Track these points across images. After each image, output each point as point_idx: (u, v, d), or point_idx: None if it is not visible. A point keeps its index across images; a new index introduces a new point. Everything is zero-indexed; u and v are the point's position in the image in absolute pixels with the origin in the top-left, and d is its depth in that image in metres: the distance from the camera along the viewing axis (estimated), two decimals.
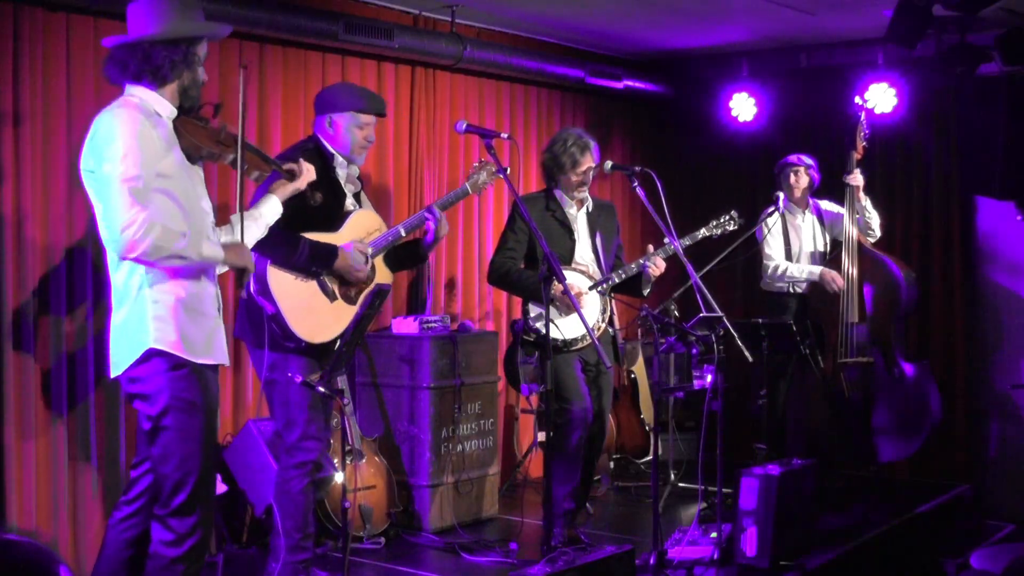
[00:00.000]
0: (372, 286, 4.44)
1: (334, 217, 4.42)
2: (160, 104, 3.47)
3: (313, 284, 4.35)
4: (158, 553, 3.44)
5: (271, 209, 3.85)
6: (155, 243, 3.29)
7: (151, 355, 3.39)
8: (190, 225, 3.44)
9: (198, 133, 3.55)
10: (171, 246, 3.33)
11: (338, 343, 4.31)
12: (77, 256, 4.79)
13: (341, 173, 4.51)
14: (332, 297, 4.39)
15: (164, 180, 3.39)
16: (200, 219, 3.53)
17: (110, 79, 3.53)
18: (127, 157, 3.30)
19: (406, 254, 4.75)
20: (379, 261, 4.55)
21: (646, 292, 5.25)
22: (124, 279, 3.43)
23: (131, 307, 3.41)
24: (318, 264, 4.30)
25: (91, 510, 4.82)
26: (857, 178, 6.19)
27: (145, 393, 3.43)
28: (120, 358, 3.46)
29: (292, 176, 3.91)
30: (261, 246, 3.97)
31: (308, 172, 3.96)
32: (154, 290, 3.40)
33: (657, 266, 5.12)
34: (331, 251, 4.34)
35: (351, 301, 4.44)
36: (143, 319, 3.39)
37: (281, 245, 4.17)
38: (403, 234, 4.58)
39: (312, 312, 4.32)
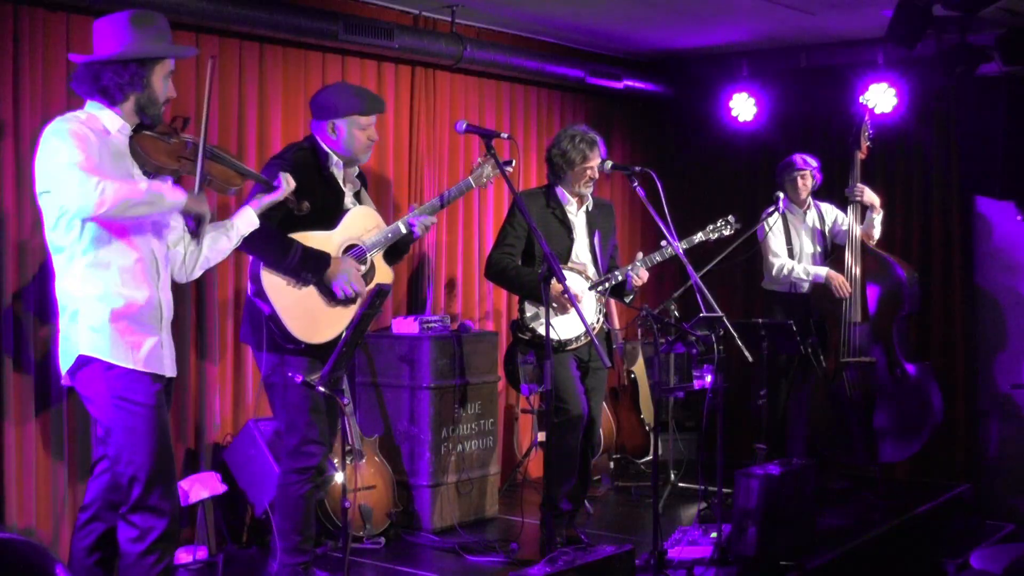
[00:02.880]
0: (372, 285, 4.35)
1: (332, 215, 4.36)
2: (112, 121, 3.54)
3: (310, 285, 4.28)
4: (126, 551, 3.53)
5: (244, 221, 3.88)
6: (116, 194, 3.32)
7: (85, 362, 3.49)
8: None
9: (155, 149, 3.56)
10: (135, 195, 3.36)
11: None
12: None
13: (337, 172, 4.42)
14: (330, 298, 4.31)
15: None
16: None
17: (76, 93, 3.62)
18: (71, 148, 3.36)
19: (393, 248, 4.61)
20: (379, 260, 4.48)
21: (628, 300, 5.26)
22: (64, 290, 3.53)
23: (69, 317, 3.52)
24: (309, 269, 4.22)
25: None
26: (867, 194, 6.19)
27: (89, 397, 3.55)
28: (63, 364, 3.57)
29: (270, 187, 3.92)
30: (253, 245, 3.99)
31: (288, 185, 3.93)
32: (90, 302, 3.48)
33: (640, 276, 5.12)
34: (323, 258, 4.26)
35: (350, 302, 4.34)
36: (78, 328, 3.50)
37: (274, 246, 4.13)
38: (403, 231, 4.48)
39: (309, 312, 4.26)
